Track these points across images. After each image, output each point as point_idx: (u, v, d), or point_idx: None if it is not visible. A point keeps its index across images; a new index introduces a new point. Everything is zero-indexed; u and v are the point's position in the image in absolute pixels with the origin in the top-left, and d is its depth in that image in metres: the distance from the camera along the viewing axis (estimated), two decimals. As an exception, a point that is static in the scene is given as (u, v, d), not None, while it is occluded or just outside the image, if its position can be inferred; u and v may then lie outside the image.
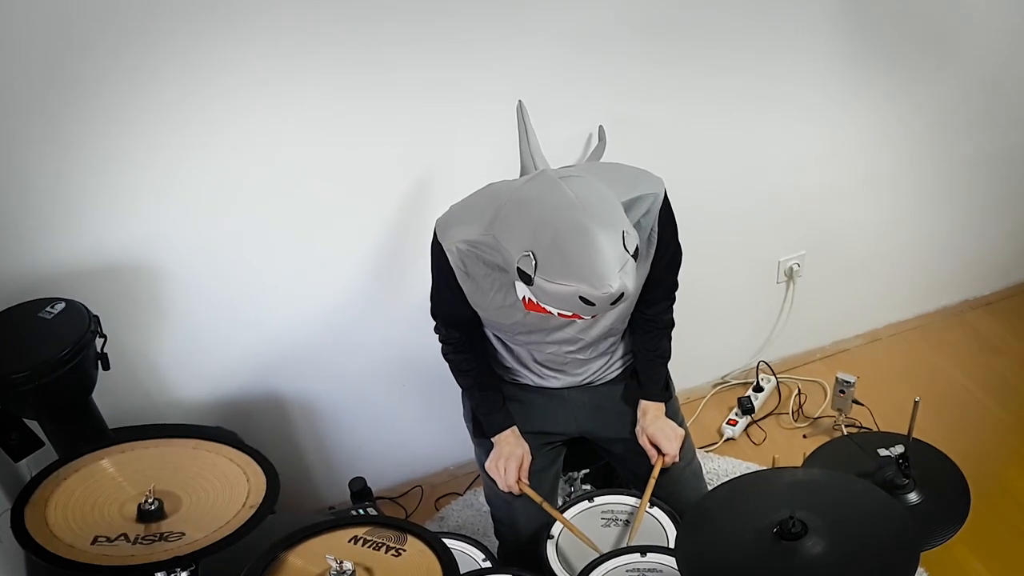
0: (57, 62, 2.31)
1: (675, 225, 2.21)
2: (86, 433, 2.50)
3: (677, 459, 2.36)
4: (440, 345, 2.45)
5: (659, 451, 2.38)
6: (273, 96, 2.56)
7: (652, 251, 2.17)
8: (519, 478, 2.37)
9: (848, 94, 3.30)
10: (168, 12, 2.32)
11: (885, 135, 3.48)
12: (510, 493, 2.39)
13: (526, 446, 2.42)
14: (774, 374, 3.88)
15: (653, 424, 2.40)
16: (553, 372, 2.45)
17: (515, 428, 2.44)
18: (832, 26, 3.10)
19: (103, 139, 2.46)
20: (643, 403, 2.44)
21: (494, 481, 2.42)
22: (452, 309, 2.28)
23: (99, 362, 2.45)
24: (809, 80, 3.20)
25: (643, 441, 2.40)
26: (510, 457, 2.38)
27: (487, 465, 2.44)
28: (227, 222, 2.72)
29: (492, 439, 2.45)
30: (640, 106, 2.94)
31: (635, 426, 2.45)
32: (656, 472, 2.34)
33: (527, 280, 1.82)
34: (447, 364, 2.47)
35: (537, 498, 2.35)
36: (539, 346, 2.36)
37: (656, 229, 2.14)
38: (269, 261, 2.84)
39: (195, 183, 2.62)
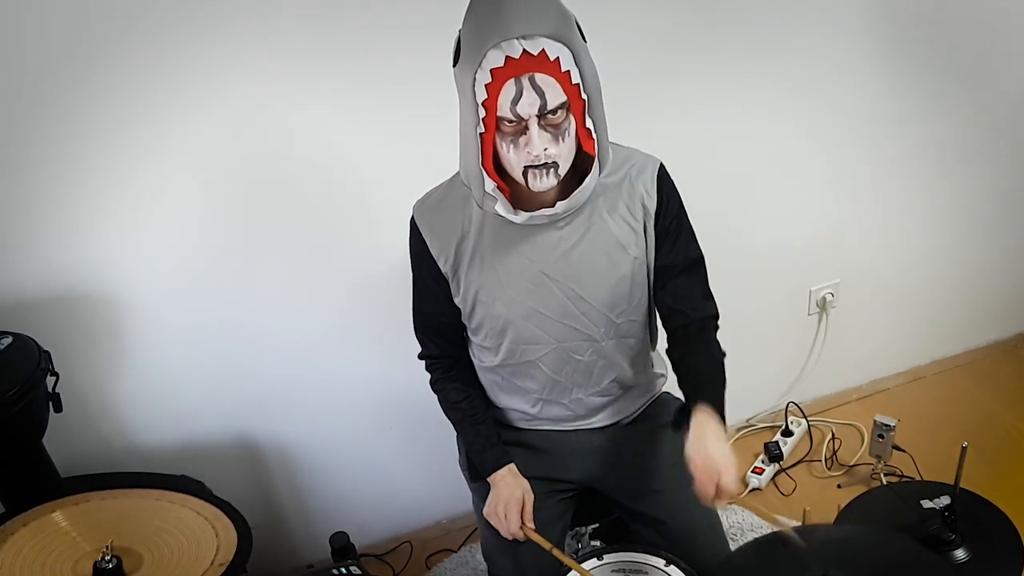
0: (11, 76, 2.34)
1: (681, 208, 2.26)
2: (36, 482, 2.48)
3: (734, 493, 2.03)
4: (428, 376, 2.47)
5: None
6: (247, 117, 2.60)
7: (651, 224, 2.21)
8: (523, 523, 2.33)
9: (889, 109, 3.33)
10: (129, 34, 2.37)
11: (927, 154, 3.51)
12: (514, 543, 2.36)
13: (526, 484, 2.39)
14: (805, 417, 3.88)
15: (705, 438, 2.07)
16: (556, 409, 2.45)
17: (513, 466, 2.42)
18: (872, 45, 3.14)
19: (54, 160, 2.48)
20: (698, 411, 2.14)
21: (494, 531, 2.39)
22: (434, 307, 2.32)
23: (50, 403, 2.45)
24: (844, 97, 3.23)
25: (698, 456, 2.03)
26: (509, 500, 2.34)
27: (485, 511, 2.41)
28: (195, 249, 2.75)
29: (488, 480, 2.43)
30: (665, 122, 2.96)
31: (656, 468, 2.40)
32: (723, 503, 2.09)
33: (455, 59, 1.95)
34: (436, 397, 2.48)
35: (545, 544, 2.28)
36: (530, 374, 2.37)
37: (655, 198, 2.20)
38: (240, 291, 2.86)
39: (156, 207, 2.64)
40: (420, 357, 2.47)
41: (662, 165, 2.23)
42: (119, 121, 2.49)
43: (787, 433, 3.81)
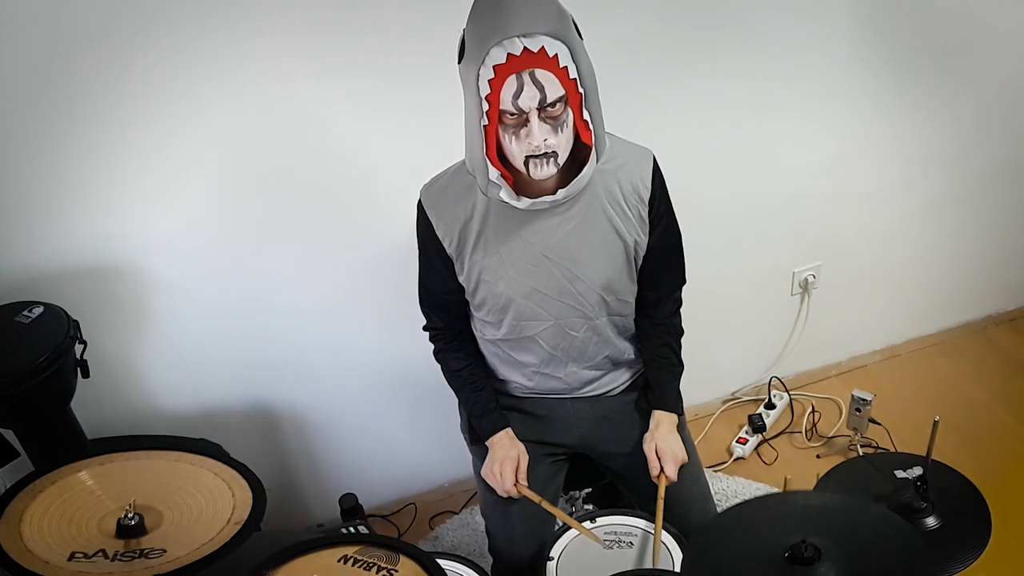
0: (42, 62, 2.33)
1: (668, 195, 2.30)
2: (64, 444, 2.50)
3: (673, 480, 2.36)
4: (431, 348, 2.49)
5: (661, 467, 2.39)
6: (267, 101, 2.59)
7: (645, 211, 2.25)
8: (516, 480, 2.37)
9: (868, 99, 3.31)
10: (159, 13, 2.35)
11: (906, 143, 3.49)
12: (508, 501, 2.39)
13: (521, 447, 2.43)
14: (787, 391, 3.88)
15: (664, 439, 2.39)
16: (552, 383, 2.47)
17: (509, 430, 2.46)
18: (856, 35, 3.13)
19: (88, 137, 2.47)
20: (656, 414, 2.44)
21: (491, 491, 2.42)
22: (439, 284, 2.34)
23: (78, 369, 2.46)
24: (826, 84, 3.21)
25: (649, 450, 2.39)
26: (505, 460, 2.38)
27: (483, 471, 2.45)
28: (216, 226, 2.74)
29: (487, 443, 2.46)
30: (652, 109, 2.95)
31: (642, 437, 2.45)
32: (662, 491, 2.34)
33: (459, 56, 1.98)
34: (439, 367, 2.50)
35: (536, 498, 2.35)
36: (529, 348, 2.39)
37: (650, 187, 2.23)
38: (257, 267, 2.86)
39: (181, 187, 2.64)
40: (424, 329, 2.48)
41: (654, 156, 2.26)
42: (149, 106, 2.48)
43: (770, 406, 3.80)
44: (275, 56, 2.53)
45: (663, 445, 2.37)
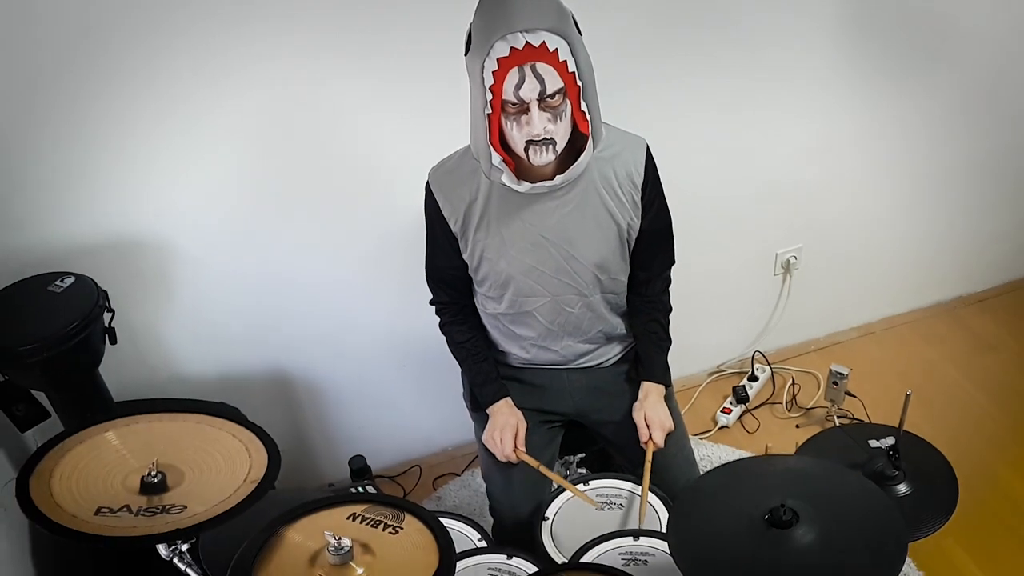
0: (76, 40, 2.32)
1: (660, 182, 2.31)
2: (92, 405, 2.51)
3: (660, 446, 2.38)
4: (437, 320, 2.50)
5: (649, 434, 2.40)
6: (288, 88, 2.60)
7: (638, 196, 2.26)
8: (515, 446, 2.39)
9: (849, 90, 3.30)
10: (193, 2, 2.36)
11: (884, 132, 3.48)
12: (508, 465, 2.41)
13: (520, 415, 2.45)
14: (769, 364, 3.88)
15: (652, 408, 2.41)
16: (549, 355, 2.48)
17: (509, 399, 2.47)
18: (838, 24, 3.10)
19: (119, 117, 2.48)
20: (645, 385, 2.46)
21: (491, 455, 2.44)
22: (444, 261, 2.35)
23: (106, 336, 2.46)
24: (810, 75, 3.21)
25: (638, 417, 2.41)
26: (505, 427, 2.41)
27: (484, 437, 2.47)
28: (235, 203, 2.74)
29: (487, 411, 2.48)
30: (640, 97, 2.94)
31: (632, 406, 2.46)
32: (649, 456, 2.35)
33: (466, 48, 2.00)
34: (444, 339, 2.51)
35: (534, 463, 2.38)
36: (528, 322, 2.41)
37: (643, 174, 2.25)
38: (276, 242, 2.86)
39: (204, 166, 2.64)
40: (431, 303, 2.49)
41: (648, 145, 2.27)
42: (178, 92, 2.49)
43: (753, 378, 3.81)
44: (298, 45, 2.53)
45: (651, 414, 2.39)
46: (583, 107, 2.03)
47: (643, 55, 2.91)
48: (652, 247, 2.36)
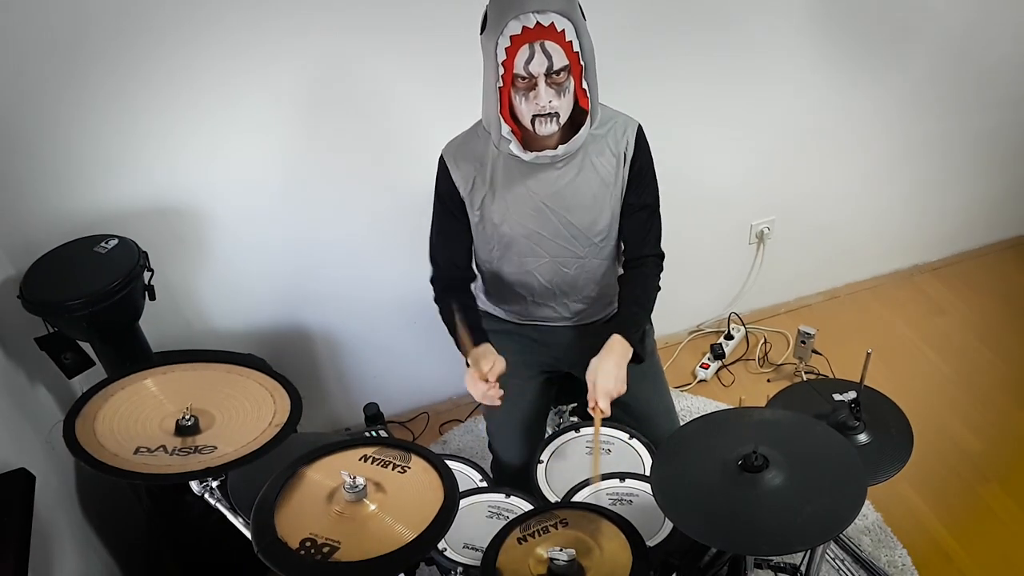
0: (123, 10, 2.31)
1: (651, 160, 2.29)
2: (133, 355, 2.52)
3: (607, 414, 2.18)
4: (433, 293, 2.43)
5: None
6: (319, 69, 2.60)
7: (627, 170, 2.25)
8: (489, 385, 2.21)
9: (823, 74, 3.29)
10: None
11: (854, 112, 3.47)
12: (507, 411, 2.35)
13: (497, 357, 2.27)
14: (743, 324, 3.88)
15: (605, 374, 2.21)
16: (545, 311, 2.48)
17: (487, 345, 2.32)
18: (811, 5, 3.07)
19: (157, 95, 2.48)
20: (612, 339, 2.26)
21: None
22: (452, 225, 2.32)
23: (146, 293, 2.48)
24: (786, 56, 3.19)
25: (590, 381, 2.22)
26: (473, 379, 2.23)
27: (468, 390, 2.29)
28: (266, 174, 2.74)
29: (468, 360, 2.30)
30: (623, 75, 2.90)
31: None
32: (598, 423, 2.23)
33: (482, 28, 2.00)
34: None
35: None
36: (527, 281, 2.40)
37: (632, 149, 2.24)
38: (300, 211, 2.86)
39: (238, 139, 2.64)
40: (431, 281, 2.43)
41: (640, 125, 2.27)
42: (217, 71, 2.50)
43: (729, 337, 3.81)
44: (330, 25, 2.53)
45: (600, 382, 2.18)
46: (584, 85, 2.05)
47: (635, 47, 2.91)
48: (644, 223, 2.33)
